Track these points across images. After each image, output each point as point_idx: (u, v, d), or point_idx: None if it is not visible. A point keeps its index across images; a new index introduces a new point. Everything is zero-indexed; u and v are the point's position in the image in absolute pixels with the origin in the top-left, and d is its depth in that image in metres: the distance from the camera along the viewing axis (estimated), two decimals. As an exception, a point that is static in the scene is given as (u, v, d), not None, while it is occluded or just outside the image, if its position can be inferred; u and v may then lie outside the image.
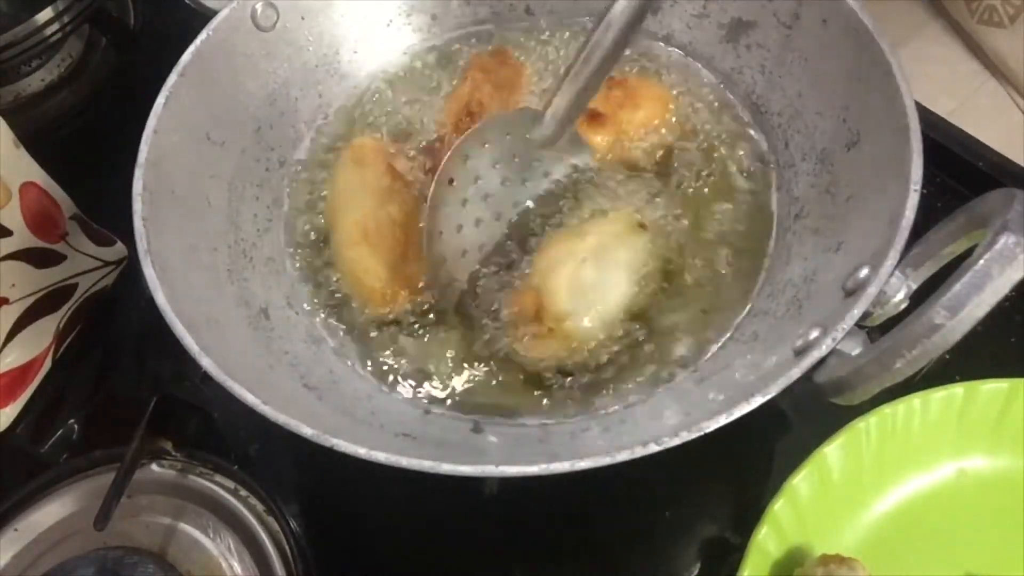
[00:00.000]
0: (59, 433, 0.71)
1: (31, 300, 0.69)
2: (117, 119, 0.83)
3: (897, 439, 0.58)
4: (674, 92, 0.68)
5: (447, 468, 0.43)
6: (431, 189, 0.58)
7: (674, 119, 0.67)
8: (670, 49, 0.71)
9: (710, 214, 0.62)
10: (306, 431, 0.44)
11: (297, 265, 0.64)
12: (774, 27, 0.64)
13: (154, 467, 0.62)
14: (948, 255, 0.48)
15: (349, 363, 0.59)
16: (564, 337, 0.56)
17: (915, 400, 0.58)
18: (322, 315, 0.62)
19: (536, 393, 0.57)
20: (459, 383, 0.58)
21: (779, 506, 0.55)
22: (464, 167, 0.59)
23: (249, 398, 0.45)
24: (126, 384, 0.74)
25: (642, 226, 0.60)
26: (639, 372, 0.56)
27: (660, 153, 0.66)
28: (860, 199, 0.55)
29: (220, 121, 0.63)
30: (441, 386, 0.58)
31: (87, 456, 0.63)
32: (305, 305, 0.62)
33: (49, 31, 0.80)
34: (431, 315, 0.60)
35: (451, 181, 0.58)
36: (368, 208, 0.63)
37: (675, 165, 0.65)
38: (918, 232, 0.48)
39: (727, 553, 0.59)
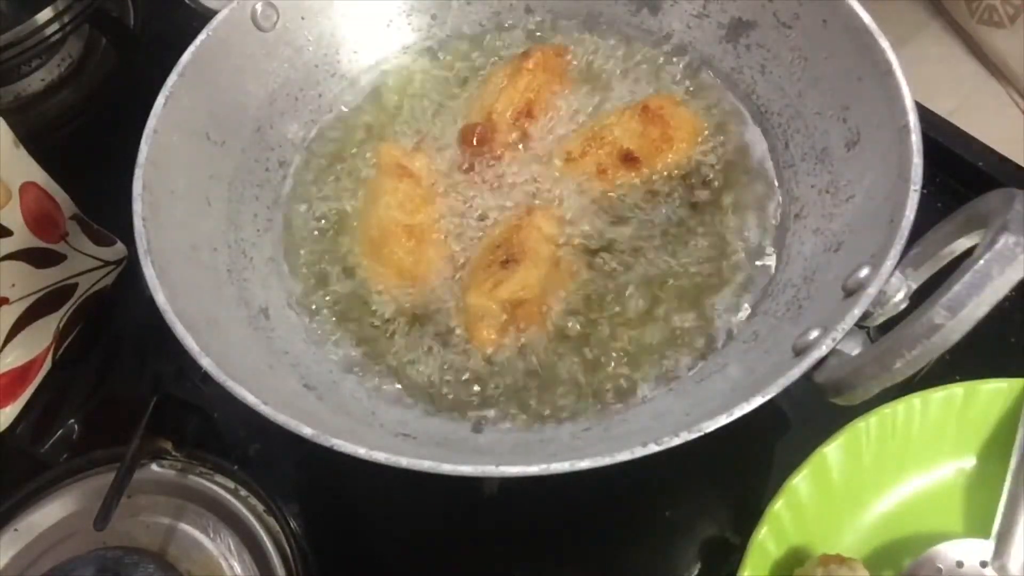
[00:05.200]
0: (59, 433, 0.71)
1: (31, 300, 0.69)
2: (117, 119, 0.84)
3: (897, 439, 0.58)
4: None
5: (447, 468, 0.43)
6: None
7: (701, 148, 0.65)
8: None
9: (709, 218, 0.62)
10: (306, 431, 0.44)
11: (299, 264, 0.64)
12: (774, 27, 0.64)
13: (154, 467, 0.62)
14: (948, 255, 0.48)
15: (349, 363, 0.59)
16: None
17: (915, 400, 0.58)
18: (323, 315, 0.61)
19: (533, 391, 0.56)
20: (458, 382, 0.57)
21: (779, 506, 0.55)
22: None
23: (249, 398, 0.45)
24: (126, 384, 0.74)
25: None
26: (639, 372, 0.56)
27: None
28: (860, 199, 0.55)
29: (220, 121, 0.63)
30: (439, 385, 0.58)
31: (87, 456, 0.63)
32: (305, 305, 0.62)
33: (49, 31, 0.80)
34: (427, 317, 0.60)
35: None
36: (382, 216, 0.62)
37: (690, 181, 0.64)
38: (918, 232, 0.48)
39: (727, 553, 0.59)
